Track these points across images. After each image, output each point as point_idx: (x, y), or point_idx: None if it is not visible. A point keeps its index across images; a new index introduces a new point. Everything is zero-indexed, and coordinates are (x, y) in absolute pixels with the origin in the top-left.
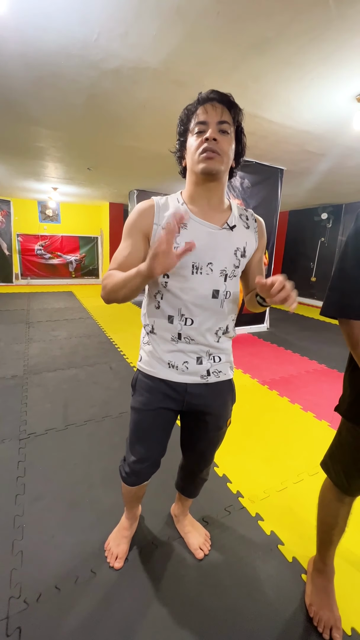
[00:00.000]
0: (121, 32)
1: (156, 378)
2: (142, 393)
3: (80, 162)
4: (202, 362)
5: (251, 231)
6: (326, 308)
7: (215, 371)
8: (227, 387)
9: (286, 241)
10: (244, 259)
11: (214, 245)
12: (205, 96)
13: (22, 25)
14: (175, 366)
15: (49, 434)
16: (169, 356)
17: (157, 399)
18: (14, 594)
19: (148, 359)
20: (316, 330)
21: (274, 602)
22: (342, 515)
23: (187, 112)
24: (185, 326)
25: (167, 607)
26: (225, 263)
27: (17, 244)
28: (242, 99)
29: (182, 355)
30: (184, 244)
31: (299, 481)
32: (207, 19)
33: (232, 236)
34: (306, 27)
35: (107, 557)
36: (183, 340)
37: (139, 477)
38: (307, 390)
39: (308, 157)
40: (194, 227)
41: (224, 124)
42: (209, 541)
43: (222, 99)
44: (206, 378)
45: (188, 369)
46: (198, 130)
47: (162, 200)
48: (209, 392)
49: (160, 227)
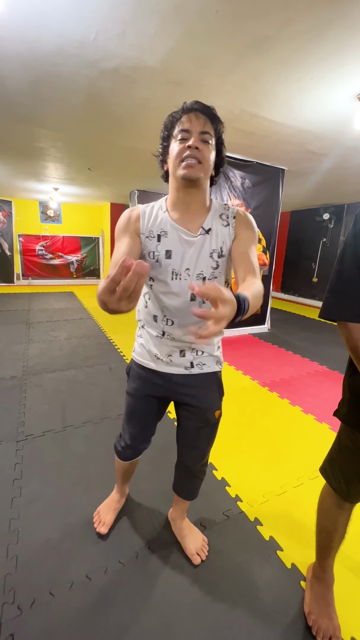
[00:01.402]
0: (119, 31)
1: (147, 368)
2: (135, 380)
3: (81, 163)
4: (185, 354)
5: (229, 228)
6: (325, 311)
7: (199, 363)
8: (212, 379)
9: (287, 242)
10: (222, 259)
11: (190, 251)
12: (190, 106)
13: (19, 24)
14: (161, 358)
15: (46, 435)
16: (155, 349)
17: (146, 386)
18: (8, 600)
19: (140, 350)
20: (317, 332)
21: (271, 609)
22: (342, 522)
23: (172, 119)
24: (167, 326)
25: (163, 613)
26: (201, 267)
27: (19, 244)
28: (242, 98)
29: (167, 349)
30: (164, 251)
31: (298, 485)
32: (205, 17)
33: (208, 240)
34: (306, 26)
35: (95, 523)
36: (166, 337)
37: (132, 451)
38: (307, 392)
39: (309, 157)
40: (172, 235)
41: (205, 134)
42: (206, 546)
43: (206, 110)
44: (190, 369)
45: (172, 361)
46: (181, 137)
47: (148, 209)
48: (194, 383)
49: (144, 236)
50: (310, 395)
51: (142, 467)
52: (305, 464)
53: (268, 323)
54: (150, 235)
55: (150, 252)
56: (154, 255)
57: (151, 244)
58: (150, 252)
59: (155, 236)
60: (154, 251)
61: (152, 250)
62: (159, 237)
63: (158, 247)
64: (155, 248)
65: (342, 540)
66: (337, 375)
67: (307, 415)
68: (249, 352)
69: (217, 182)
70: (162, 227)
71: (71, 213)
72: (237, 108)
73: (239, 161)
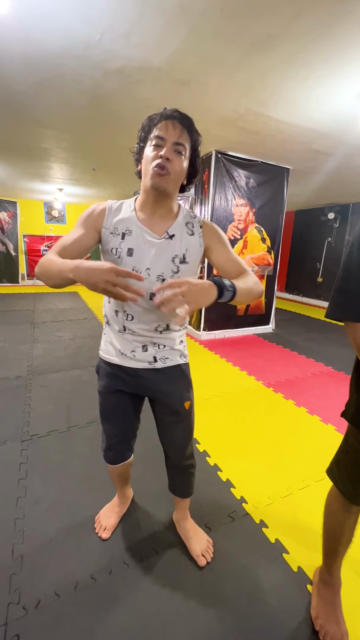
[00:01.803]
0: (124, 31)
1: (113, 364)
2: (103, 377)
3: (85, 163)
4: (148, 349)
5: (195, 237)
6: (331, 310)
7: (162, 357)
8: (176, 371)
9: (292, 241)
10: (184, 265)
11: (152, 252)
12: (169, 113)
13: (25, 25)
14: (125, 353)
15: (51, 435)
16: (119, 344)
17: (115, 382)
18: (13, 600)
19: (105, 347)
20: (322, 332)
21: (277, 613)
22: (349, 525)
23: (150, 122)
24: (127, 321)
25: (168, 616)
26: (161, 269)
27: (23, 244)
28: (247, 97)
29: (129, 344)
30: (127, 248)
31: (304, 487)
32: (211, 16)
33: (171, 244)
34: (311, 24)
35: (96, 529)
36: (127, 332)
37: (113, 452)
38: (313, 393)
39: (314, 156)
40: (137, 234)
41: (179, 145)
42: (211, 548)
43: (183, 121)
44: (153, 364)
45: (136, 356)
46: (155, 143)
47: (116, 205)
48: (160, 378)
49: (108, 232)
50: (316, 396)
51: (146, 469)
52: (311, 466)
53: (272, 323)
54: (114, 232)
55: (113, 249)
56: (116, 252)
57: (115, 241)
58: (113, 248)
59: (119, 233)
60: (117, 248)
61: (115, 247)
62: (123, 235)
63: (121, 244)
64: (119, 245)
65: (350, 543)
66: (342, 376)
67: (313, 416)
68: (253, 352)
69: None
70: (127, 225)
71: (75, 213)
72: (242, 107)
73: (244, 161)
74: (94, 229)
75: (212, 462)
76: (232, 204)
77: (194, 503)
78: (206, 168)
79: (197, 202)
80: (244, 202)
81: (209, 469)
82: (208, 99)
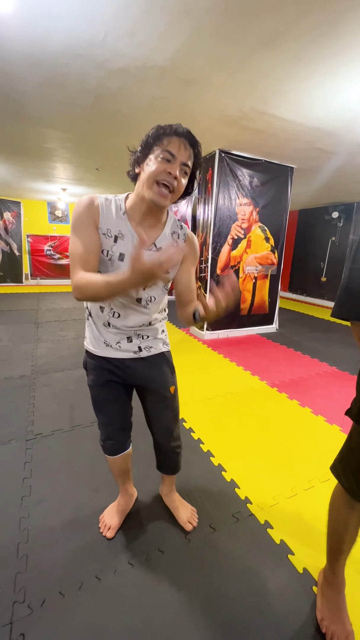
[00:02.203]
0: (128, 30)
1: (99, 357)
2: (92, 372)
3: (89, 163)
4: (132, 340)
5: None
6: (337, 310)
7: (147, 347)
8: (160, 358)
9: (296, 241)
10: (167, 275)
11: None
12: (182, 131)
13: (28, 25)
14: (111, 344)
15: (55, 435)
16: (104, 337)
17: (103, 374)
18: (18, 599)
19: (90, 340)
20: (326, 332)
21: (283, 615)
22: (353, 524)
23: (159, 132)
24: (112, 318)
25: (172, 616)
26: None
27: (27, 244)
28: (251, 96)
29: (114, 336)
30: (118, 253)
31: (309, 488)
32: (215, 14)
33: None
34: (317, 21)
35: (100, 528)
36: (112, 327)
37: (112, 441)
38: (317, 393)
39: (319, 155)
40: (129, 240)
41: (185, 166)
42: (195, 515)
43: (193, 144)
44: (139, 353)
45: (121, 347)
46: (165, 157)
47: (107, 203)
48: (145, 365)
49: (101, 232)
50: (320, 397)
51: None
52: (316, 467)
53: (276, 323)
54: (107, 233)
55: (105, 250)
56: (108, 254)
57: (107, 243)
58: (105, 249)
59: (112, 236)
60: (109, 250)
61: (107, 249)
62: (115, 238)
63: (113, 248)
64: (111, 248)
65: (354, 543)
66: (347, 376)
67: (317, 416)
68: (257, 352)
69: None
70: (120, 228)
71: None
72: (247, 106)
73: (247, 160)
74: (95, 226)
75: (216, 462)
76: (236, 203)
77: (198, 503)
78: (210, 167)
79: (201, 202)
80: (247, 201)
81: (213, 469)
82: (212, 97)
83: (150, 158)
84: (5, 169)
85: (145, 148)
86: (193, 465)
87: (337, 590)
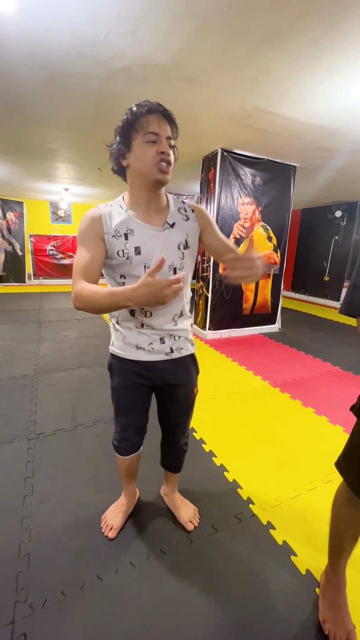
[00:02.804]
0: (130, 29)
1: (128, 360)
2: (118, 374)
3: (91, 163)
4: (165, 341)
5: (191, 221)
6: (345, 307)
7: (178, 348)
8: (189, 360)
9: (298, 240)
10: (187, 250)
11: (159, 245)
12: (156, 107)
13: (31, 25)
14: (142, 347)
15: (57, 434)
16: (136, 340)
17: (131, 377)
18: (20, 599)
19: (119, 343)
20: (329, 331)
21: (285, 616)
22: (354, 522)
23: (134, 116)
24: (145, 318)
25: (174, 617)
26: (171, 259)
27: (30, 244)
28: (254, 94)
29: (147, 338)
30: (133, 248)
31: (312, 488)
32: (218, 12)
33: (173, 233)
34: (321, 17)
35: (103, 528)
36: (145, 328)
37: (128, 442)
38: (320, 393)
39: (322, 154)
40: (140, 232)
41: (170, 139)
42: (197, 515)
43: (168, 116)
44: (170, 355)
45: (154, 349)
46: (150, 139)
47: (107, 210)
48: (175, 366)
49: (110, 236)
50: (323, 397)
51: (152, 469)
52: (319, 467)
53: (279, 322)
54: (116, 234)
55: (119, 251)
56: (123, 253)
57: (119, 243)
58: (119, 250)
59: (122, 235)
60: (123, 249)
61: (121, 249)
62: (126, 236)
63: (127, 244)
64: (124, 246)
65: (355, 542)
66: (350, 376)
67: (320, 416)
68: (259, 352)
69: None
70: (127, 225)
71: (81, 213)
72: (249, 104)
73: (250, 159)
74: (100, 239)
75: (218, 462)
76: (238, 202)
77: (200, 503)
78: (212, 166)
79: (203, 201)
80: (250, 200)
81: (215, 469)
82: (214, 96)
83: (134, 145)
84: (8, 169)
85: (124, 137)
86: (195, 466)
87: (338, 590)
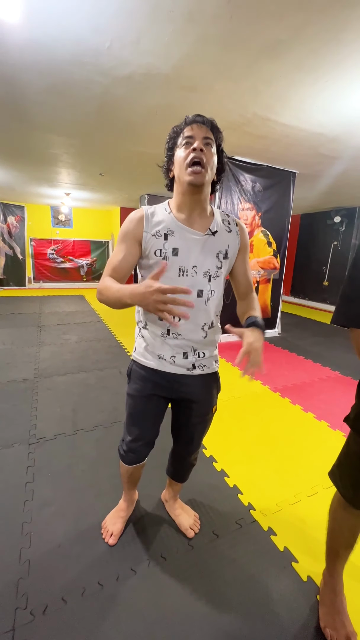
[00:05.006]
0: (133, 39)
1: (149, 368)
2: (137, 381)
3: (93, 168)
4: (188, 356)
5: (233, 234)
6: (337, 317)
7: (201, 365)
8: (212, 378)
9: (298, 245)
10: (226, 260)
11: (198, 249)
12: (192, 118)
13: (37, 35)
14: (164, 358)
15: (58, 439)
16: (159, 349)
17: (149, 386)
18: (21, 605)
19: (142, 350)
20: (329, 336)
21: (287, 623)
22: (349, 527)
23: (176, 130)
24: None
25: (174, 623)
26: (208, 265)
27: (30, 248)
28: (254, 102)
29: (170, 350)
30: (171, 249)
31: (313, 494)
32: (219, 22)
33: (215, 240)
34: (321, 29)
35: (103, 534)
36: (171, 336)
37: (135, 454)
38: (320, 398)
39: (321, 160)
40: (180, 234)
41: (208, 139)
42: (198, 522)
43: (206, 122)
44: (192, 371)
45: (175, 362)
46: (186, 142)
47: (151, 210)
48: (196, 383)
49: (150, 234)
50: (323, 402)
51: (152, 473)
52: (319, 473)
53: (278, 327)
54: (156, 234)
55: (157, 250)
56: (160, 253)
57: (158, 242)
58: (157, 249)
59: (162, 235)
60: (161, 249)
61: (159, 248)
62: (165, 236)
63: (165, 245)
64: (162, 246)
65: (351, 548)
66: (350, 381)
67: (321, 422)
68: None
69: (224, 187)
70: (168, 227)
71: (82, 217)
72: (249, 112)
73: (250, 165)
74: (136, 242)
75: (218, 467)
76: (238, 207)
77: (201, 509)
78: None
79: None
80: (250, 206)
81: (215, 474)
82: (215, 104)
83: (177, 153)
84: (10, 174)
85: (169, 151)
86: (196, 471)
87: (334, 592)
